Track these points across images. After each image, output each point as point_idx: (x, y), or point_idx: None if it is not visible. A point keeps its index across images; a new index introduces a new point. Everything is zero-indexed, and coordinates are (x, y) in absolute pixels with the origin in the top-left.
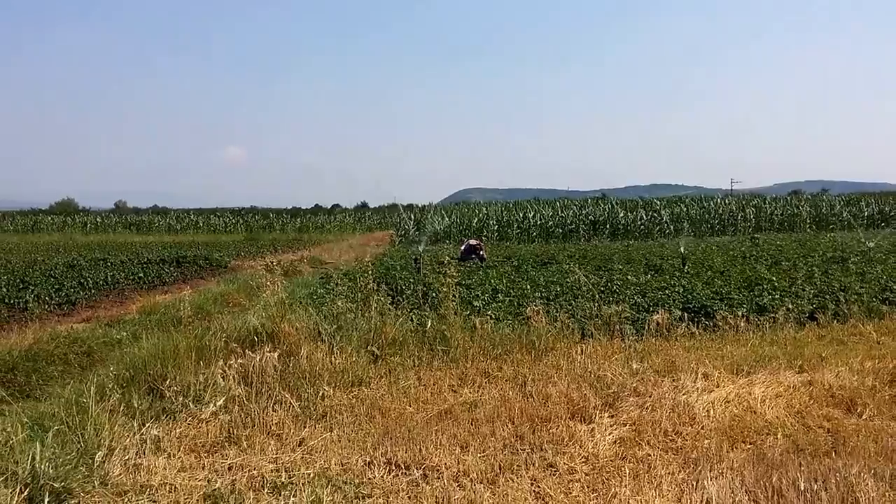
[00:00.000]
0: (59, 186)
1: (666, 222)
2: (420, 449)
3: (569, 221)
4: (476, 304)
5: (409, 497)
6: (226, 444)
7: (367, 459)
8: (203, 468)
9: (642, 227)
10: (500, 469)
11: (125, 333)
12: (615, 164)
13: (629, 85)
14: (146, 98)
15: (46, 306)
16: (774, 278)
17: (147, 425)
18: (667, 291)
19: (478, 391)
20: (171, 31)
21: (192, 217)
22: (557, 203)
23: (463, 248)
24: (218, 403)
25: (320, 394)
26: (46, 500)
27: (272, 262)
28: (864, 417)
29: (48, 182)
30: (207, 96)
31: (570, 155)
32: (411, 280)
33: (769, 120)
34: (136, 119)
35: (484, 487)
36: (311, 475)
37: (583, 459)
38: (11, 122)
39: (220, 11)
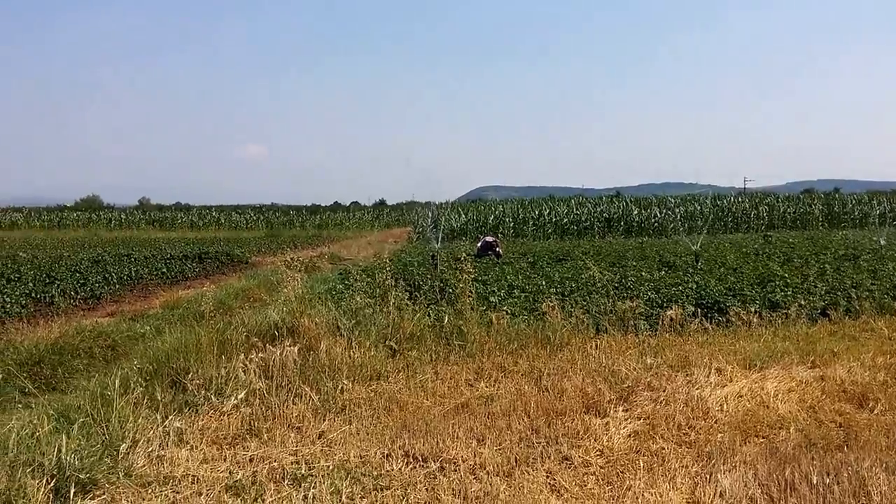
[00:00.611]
0: (85, 183)
1: (679, 220)
2: (437, 442)
3: (583, 219)
4: (492, 299)
5: (427, 489)
6: (247, 436)
7: (386, 452)
8: (225, 460)
9: (656, 224)
10: (516, 462)
11: (149, 328)
12: (629, 163)
13: (642, 84)
14: (170, 96)
15: (72, 301)
16: (787, 275)
17: (170, 418)
18: (680, 288)
19: (494, 385)
20: (194, 30)
21: (213, 214)
22: (572, 201)
23: (479, 244)
24: (239, 396)
25: (339, 387)
26: (72, 491)
27: (292, 259)
28: (875, 412)
29: (73, 179)
30: (230, 95)
31: (584, 153)
32: (428, 276)
33: (782, 119)
34: (160, 117)
35: (500, 480)
36: (331, 467)
37: (597, 452)
38: (37, 120)
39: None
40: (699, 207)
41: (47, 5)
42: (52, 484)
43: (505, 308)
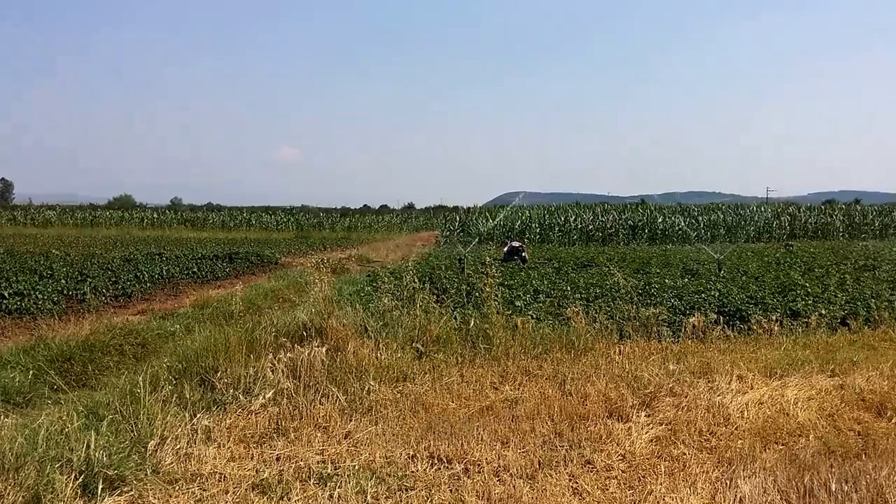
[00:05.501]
0: (118, 182)
1: (703, 228)
2: (462, 444)
3: (608, 225)
4: (518, 304)
5: (451, 490)
6: (274, 435)
7: (411, 453)
8: (252, 458)
9: (680, 232)
10: (539, 465)
11: (178, 326)
12: (654, 171)
13: (669, 95)
14: (205, 99)
15: (103, 298)
16: (808, 284)
17: (198, 416)
18: (703, 295)
19: (518, 389)
20: (227, 35)
21: (245, 214)
22: (598, 207)
23: (506, 249)
24: (267, 396)
25: (366, 388)
26: (100, 487)
27: (321, 260)
28: (893, 421)
29: (107, 177)
30: (265, 99)
31: (610, 161)
32: (455, 279)
33: (805, 131)
34: (193, 119)
35: (523, 482)
36: (357, 467)
37: (620, 457)
38: (74, 119)
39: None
40: (722, 216)
41: (96, 9)
42: (80, 480)
43: (530, 312)
